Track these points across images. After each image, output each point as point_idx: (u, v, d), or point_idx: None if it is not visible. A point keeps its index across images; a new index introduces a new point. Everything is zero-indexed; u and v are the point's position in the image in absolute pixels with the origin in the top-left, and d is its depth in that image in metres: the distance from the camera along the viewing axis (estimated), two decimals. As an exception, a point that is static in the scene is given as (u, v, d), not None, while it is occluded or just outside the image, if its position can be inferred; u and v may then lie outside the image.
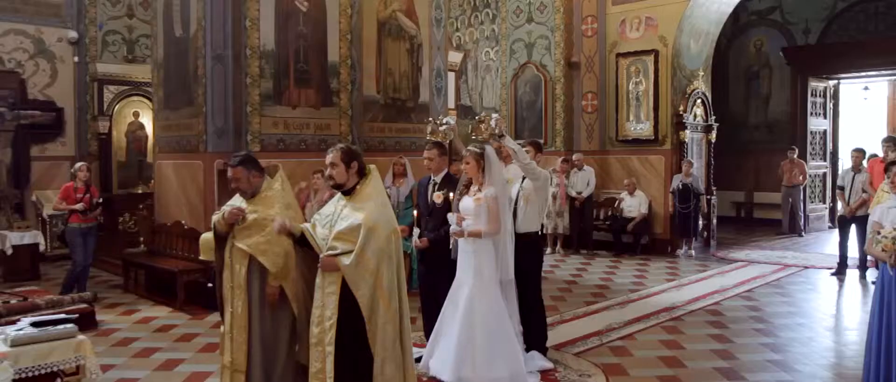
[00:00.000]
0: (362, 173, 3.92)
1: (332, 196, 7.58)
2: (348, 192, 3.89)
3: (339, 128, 8.47)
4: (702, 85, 11.76)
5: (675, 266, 10.05)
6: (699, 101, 11.73)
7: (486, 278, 4.83)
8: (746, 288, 8.34)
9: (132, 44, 11.83)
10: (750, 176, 15.50)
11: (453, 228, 4.80)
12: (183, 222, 8.14)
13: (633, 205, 11.15)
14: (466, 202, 4.89)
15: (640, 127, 11.51)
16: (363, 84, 9.01)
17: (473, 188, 4.92)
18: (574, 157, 11.48)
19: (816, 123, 14.35)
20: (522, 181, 5.37)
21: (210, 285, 7.51)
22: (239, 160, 4.28)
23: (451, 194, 5.00)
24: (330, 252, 3.74)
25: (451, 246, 4.95)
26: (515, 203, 5.32)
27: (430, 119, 5.39)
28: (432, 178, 5.39)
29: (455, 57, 12.14)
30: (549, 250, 11.11)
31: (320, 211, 4.06)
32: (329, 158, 3.88)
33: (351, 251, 3.69)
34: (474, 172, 4.87)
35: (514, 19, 12.77)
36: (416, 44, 9.59)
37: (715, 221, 12.09)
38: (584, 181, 11.28)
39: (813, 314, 7.38)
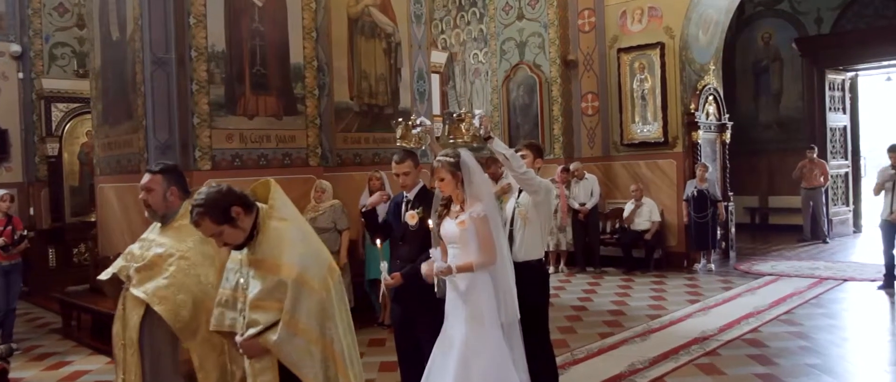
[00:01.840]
0: (252, 203, 2.77)
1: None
2: (249, 238, 2.74)
3: (307, 139, 7.33)
4: (713, 80, 10.68)
5: (696, 283, 8.90)
6: (711, 97, 10.64)
7: (487, 323, 3.63)
8: (784, 309, 7.19)
9: (83, 57, 10.68)
10: (763, 179, 14.40)
11: (438, 265, 3.63)
12: (126, 255, 6.97)
13: (642, 214, 10.00)
14: (449, 227, 3.74)
15: (647, 129, 10.41)
16: (334, 89, 7.91)
17: (454, 208, 3.77)
18: (572, 166, 10.33)
19: (835, 119, 13.27)
20: (518, 196, 4.24)
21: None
22: (161, 168, 3.34)
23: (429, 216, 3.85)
24: (251, 330, 2.59)
25: (436, 289, 3.79)
26: (511, 224, 4.18)
27: (400, 120, 4.27)
28: (405, 195, 4.24)
29: (439, 57, 11.05)
30: (551, 269, 9.95)
31: (228, 266, 2.91)
32: (205, 232, 2.74)
33: (278, 322, 2.55)
34: (451, 187, 3.71)
35: (503, 17, 11.69)
36: (393, 43, 8.49)
37: (733, 230, 10.96)
38: (586, 191, 10.15)
39: (872, 340, 6.22)
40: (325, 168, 7.53)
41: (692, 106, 10.18)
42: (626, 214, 10.06)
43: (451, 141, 3.94)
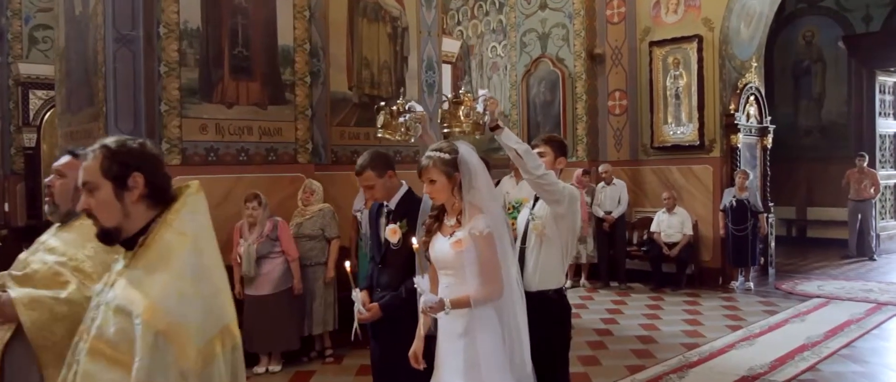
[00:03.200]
0: (164, 199, 1.85)
1: (273, 229, 5.54)
2: (131, 242, 1.82)
3: (295, 133, 6.43)
4: (755, 78, 9.63)
5: (734, 305, 7.88)
6: (752, 97, 9.59)
7: (488, 375, 2.69)
8: (843, 341, 6.15)
9: (67, 40, 9.90)
10: (801, 189, 13.30)
11: (426, 299, 2.69)
12: (86, 260, 6.11)
13: (673, 226, 8.98)
14: (441, 248, 2.81)
15: (680, 131, 9.39)
16: (330, 77, 7.00)
17: (449, 222, 2.84)
18: (601, 168, 9.36)
19: (885, 125, 12.17)
20: (533, 205, 3.29)
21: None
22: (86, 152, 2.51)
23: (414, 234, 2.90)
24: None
25: (425, 331, 2.86)
26: (522, 242, 3.24)
27: (382, 104, 3.35)
28: (385, 204, 3.32)
29: (451, 46, 10.09)
30: (569, 283, 8.98)
31: (95, 287, 1.98)
32: (85, 174, 1.83)
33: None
34: (445, 193, 2.78)
35: (525, 6, 10.72)
36: (399, 27, 7.56)
37: (773, 244, 9.90)
38: (613, 198, 9.15)
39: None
40: (316, 166, 6.64)
41: (732, 106, 9.16)
42: (655, 227, 9.04)
43: (446, 131, 3.01)
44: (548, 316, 3.16)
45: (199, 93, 5.85)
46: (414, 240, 2.77)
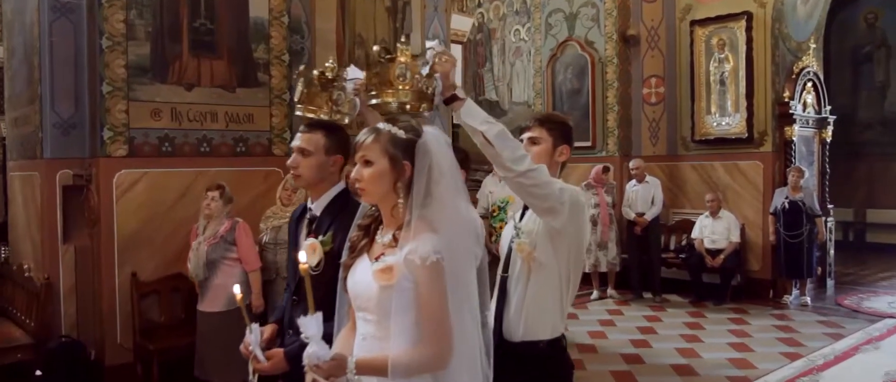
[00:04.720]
0: None
1: (229, 230, 4.63)
2: None
3: (270, 120, 5.51)
4: (813, 62, 8.42)
5: (789, 325, 6.74)
6: (810, 84, 8.38)
7: None
8: (931, 379, 5.02)
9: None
10: (861, 188, 12.01)
11: (310, 354, 1.71)
12: (25, 266, 5.29)
13: (718, 232, 7.83)
14: (362, 276, 1.82)
15: (726, 122, 8.22)
16: (316, 56, 6.07)
17: (383, 239, 1.84)
18: (631, 164, 8.26)
19: (961, 118, 10.81)
20: (520, 217, 2.27)
21: (39, 373, 4.69)
22: None
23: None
24: None
25: None
26: (504, 269, 2.23)
27: (301, 69, 2.39)
28: (307, 205, 2.34)
29: (462, 24, 9.02)
30: (595, 294, 7.95)
31: None
32: None
33: None
34: (380, 187, 1.79)
35: (551, -16, 9.65)
36: (400, 1, 6.60)
37: (832, 252, 8.68)
38: (646, 198, 8.03)
39: None
40: (297, 159, 5.70)
41: (786, 94, 7.97)
42: (697, 233, 7.91)
43: (373, 102, 2.02)
44: (537, 378, 2.14)
45: (151, 72, 4.96)
46: (301, 256, 1.78)
